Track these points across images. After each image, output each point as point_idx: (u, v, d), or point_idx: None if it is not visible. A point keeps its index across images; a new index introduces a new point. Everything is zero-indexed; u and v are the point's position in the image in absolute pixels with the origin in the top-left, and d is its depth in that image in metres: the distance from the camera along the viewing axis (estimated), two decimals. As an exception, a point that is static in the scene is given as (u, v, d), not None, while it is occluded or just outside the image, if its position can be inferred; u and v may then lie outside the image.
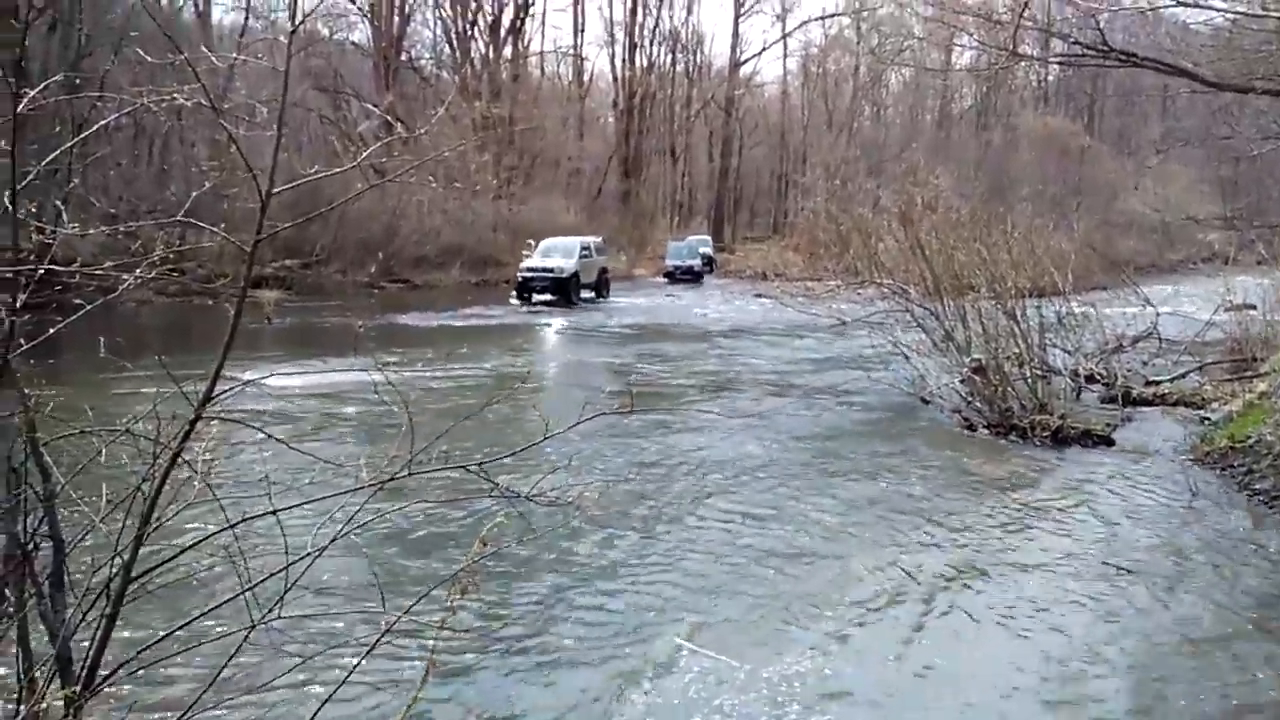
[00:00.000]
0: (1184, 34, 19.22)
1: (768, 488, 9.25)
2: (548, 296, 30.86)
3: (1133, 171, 48.10)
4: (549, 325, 25.38)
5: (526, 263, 31.82)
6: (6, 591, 3.27)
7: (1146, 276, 27.02)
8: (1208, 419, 12.05)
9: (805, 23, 67.68)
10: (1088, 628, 6.07)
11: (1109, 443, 11.18)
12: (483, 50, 51.11)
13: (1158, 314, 16.52)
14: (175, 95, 3.72)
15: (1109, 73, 30.50)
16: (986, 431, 11.74)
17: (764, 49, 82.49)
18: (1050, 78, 66.84)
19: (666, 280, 43.72)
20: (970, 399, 12.53)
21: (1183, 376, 14.51)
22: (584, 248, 32.88)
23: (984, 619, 6.17)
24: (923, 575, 6.91)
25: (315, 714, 3.35)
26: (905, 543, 7.66)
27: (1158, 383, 14.18)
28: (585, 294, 32.50)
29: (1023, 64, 41.14)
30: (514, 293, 31.62)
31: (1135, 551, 7.55)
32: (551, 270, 31.06)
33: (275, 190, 3.48)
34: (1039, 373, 12.60)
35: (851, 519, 8.29)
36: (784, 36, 68.02)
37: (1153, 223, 46.41)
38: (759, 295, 31.59)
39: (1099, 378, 14.25)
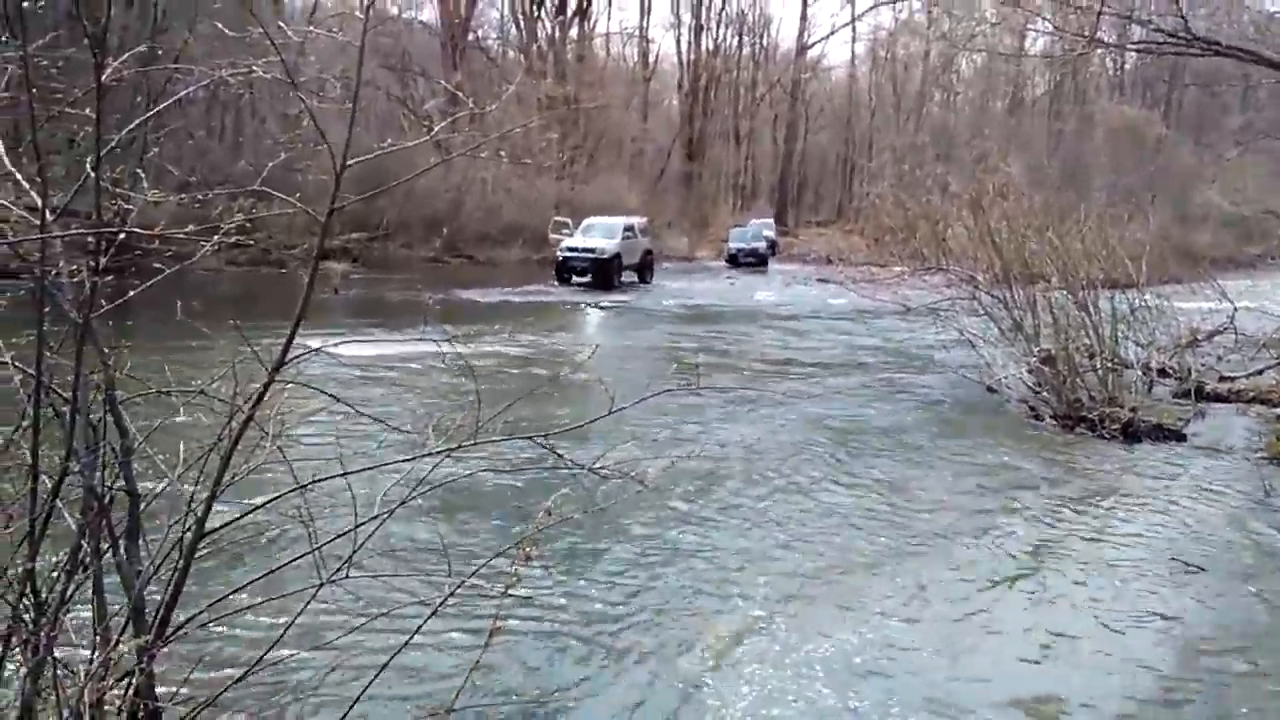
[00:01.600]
0: (1269, 22, 18.65)
1: (830, 471, 9.17)
2: (587, 279, 29.54)
3: (1210, 163, 46.72)
4: (608, 307, 25.38)
5: (567, 242, 30.63)
6: (84, 542, 3.36)
7: (1224, 270, 26.26)
8: (1284, 417, 11.72)
9: (875, 5, 66.25)
10: (1155, 624, 5.95)
11: (1180, 438, 10.91)
12: (549, 31, 51.24)
13: (1234, 309, 16.05)
14: (253, 68, 3.77)
15: (1188, 61, 29.62)
16: (1053, 422, 11.52)
17: (832, 32, 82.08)
18: (1127, 65, 65.07)
19: (729, 265, 42.50)
20: (1038, 389, 12.31)
21: (1259, 373, 14.09)
22: (627, 228, 31.50)
23: (1050, 610, 6.07)
24: (987, 564, 6.82)
25: (379, 672, 3.40)
26: (971, 530, 7.56)
27: (1233, 379, 13.79)
28: (627, 277, 31.17)
29: (1099, 51, 40.10)
30: (553, 274, 30.37)
31: (1206, 549, 7.36)
32: (592, 251, 29.70)
33: (349, 163, 3.52)
34: (1110, 365, 12.33)
35: (917, 504, 8.20)
36: (853, 20, 67.06)
37: (1231, 216, 45.07)
38: (821, 280, 31.31)
39: (1171, 372, 13.91)
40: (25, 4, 3.28)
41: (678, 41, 61.63)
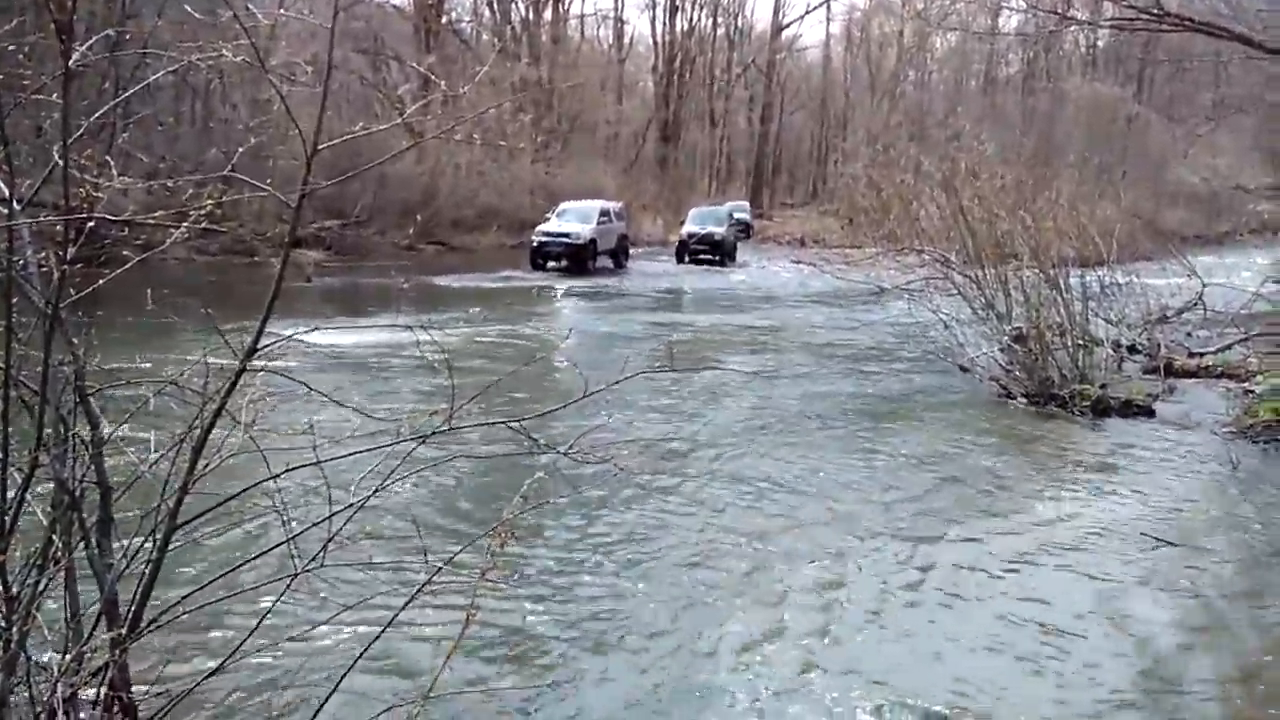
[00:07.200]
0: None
1: (804, 450, 9.22)
2: (562, 264, 29.35)
3: (1182, 139, 47.02)
4: (583, 292, 25.33)
5: (542, 227, 30.42)
6: (55, 536, 3.34)
7: (1193, 247, 26.55)
8: (1252, 391, 11.86)
9: (850, -15, 66.42)
10: (1124, 599, 6.02)
11: (1150, 413, 11.05)
12: (523, 13, 50.89)
13: (1203, 285, 16.22)
14: (223, 52, 3.74)
15: (1160, 37, 29.73)
16: (1025, 400, 11.62)
17: (807, 12, 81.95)
18: (1100, 42, 65.28)
19: (677, 259, 35.55)
20: (1009, 368, 12.41)
21: (1227, 348, 14.26)
22: (603, 213, 31.21)
23: (1018, 587, 6.13)
24: (957, 539, 6.88)
25: (355, 662, 3.41)
26: (941, 506, 7.62)
27: (1201, 354, 13.96)
28: (603, 261, 30.94)
29: (1072, 28, 40.20)
30: (528, 259, 30.00)
31: (1174, 522, 7.46)
32: (567, 235, 29.46)
33: (320, 147, 3.50)
34: (1080, 342, 12.44)
35: (889, 482, 8.26)
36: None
37: (1201, 192, 45.44)
38: (797, 262, 31.31)
39: (1141, 348, 14.06)
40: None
41: (652, 23, 61.60)
